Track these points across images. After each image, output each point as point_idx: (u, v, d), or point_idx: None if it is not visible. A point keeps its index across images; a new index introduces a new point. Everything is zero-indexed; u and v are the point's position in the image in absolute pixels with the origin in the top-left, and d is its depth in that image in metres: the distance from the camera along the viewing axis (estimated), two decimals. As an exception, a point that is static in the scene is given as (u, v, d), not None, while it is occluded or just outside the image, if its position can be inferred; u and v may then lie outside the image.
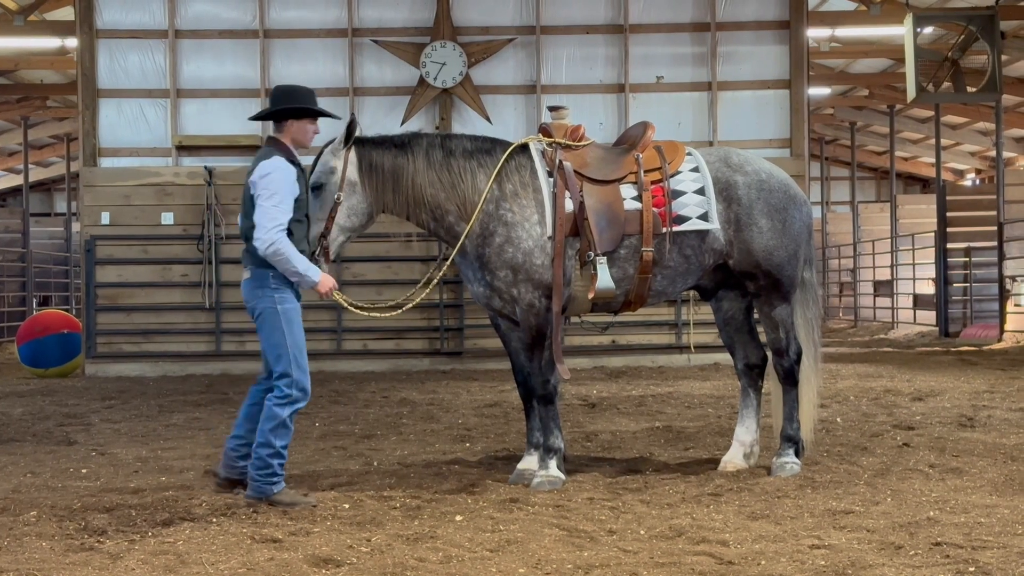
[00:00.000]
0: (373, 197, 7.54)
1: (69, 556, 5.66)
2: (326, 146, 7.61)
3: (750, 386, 8.24)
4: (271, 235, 6.87)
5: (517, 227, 7.47)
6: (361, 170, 7.54)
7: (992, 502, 6.64)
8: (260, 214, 6.93)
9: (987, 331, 22.23)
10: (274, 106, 7.23)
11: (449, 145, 7.71)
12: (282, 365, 7.04)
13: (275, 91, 7.37)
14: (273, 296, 7.04)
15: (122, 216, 17.39)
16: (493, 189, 7.53)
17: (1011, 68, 26.29)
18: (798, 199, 8.00)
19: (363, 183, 7.53)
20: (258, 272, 7.04)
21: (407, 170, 7.56)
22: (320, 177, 7.49)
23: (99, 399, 13.36)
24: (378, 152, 7.60)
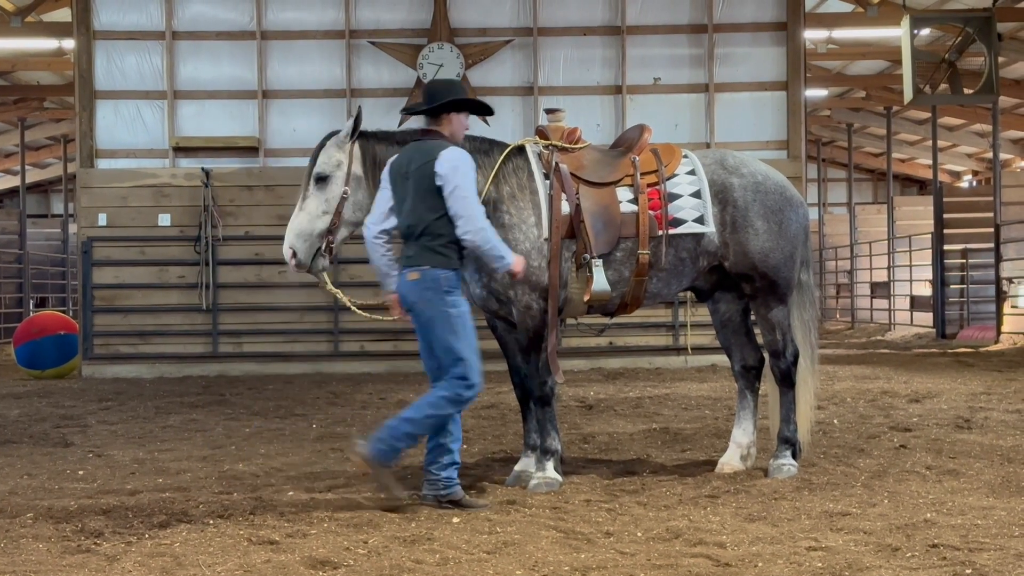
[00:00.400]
0: (372, 192, 7.49)
1: (65, 558, 5.66)
2: (327, 138, 7.56)
3: (747, 388, 8.24)
4: (482, 224, 6.87)
5: (514, 229, 7.46)
6: (365, 165, 7.51)
7: (989, 504, 6.64)
8: (465, 206, 6.84)
9: (984, 333, 22.24)
10: (436, 100, 7.10)
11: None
12: (461, 368, 6.99)
13: (433, 85, 7.25)
14: (446, 300, 6.91)
15: (119, 217, 17.37)
16: (491, 191, 7.52)
17: (1008, 70, 26.32)
18: (794, 201, 8.00)
19: (367, 178, 7.50)
20: (430, 274, 6.88)
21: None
22: (326, 169, 7.44)
23: (96, 401, 13.35)
24: (381, 147, 7.56)
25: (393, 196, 7.06)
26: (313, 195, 7.45)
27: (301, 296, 17.40)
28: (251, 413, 12.00)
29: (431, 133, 7.13)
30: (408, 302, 6.97)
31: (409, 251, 6.97)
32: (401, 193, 7.00)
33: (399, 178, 7.02)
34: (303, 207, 7.49)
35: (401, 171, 7.02)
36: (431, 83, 7.34)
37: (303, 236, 7.48)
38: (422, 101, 7.18)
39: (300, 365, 17.26)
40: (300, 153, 17.65)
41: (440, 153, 6.91)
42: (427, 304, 6.90)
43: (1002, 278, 21.68)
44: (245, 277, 17.43)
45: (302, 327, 17.47)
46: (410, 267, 6.93)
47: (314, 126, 17.74)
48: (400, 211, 7.01)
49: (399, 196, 7.02)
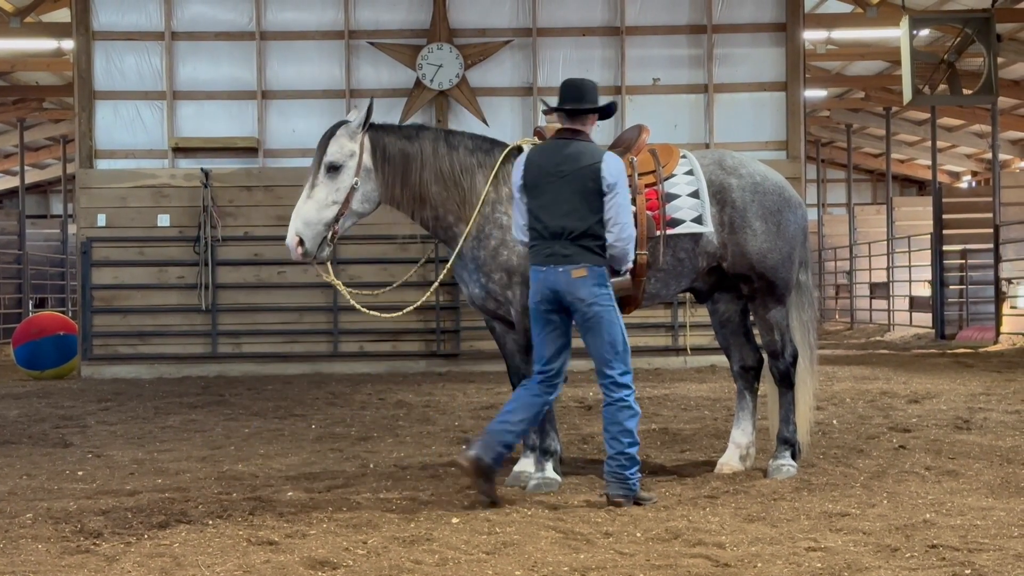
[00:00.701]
0: (383, 187, 7.53)
1: (65, 558, 5.65)
2: (336, 127, 7.54)
3: (746, 388, 8.24)
4: (632, 232, 7.01)
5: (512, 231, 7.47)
6: (375, 157, 7.52)
7: (988, 504, 6.64)
8: (624, 213, 6.94)
9: (983, 333, 22.25)
10: (588, 99, 7.08)
11: (452, 141, 7.71)
12: (622, 361, 7.02)
13: (581, 83, 7.16)
14: (608, 294, 6.98)
15: (118, 218, 17.37)
16: (490, 192, 7.53)
17: (1007, 70, 26.32)
18: (793, 202, 8.00)
19: (377, 170, 7.51)
20: (597, 270, 6.91)
21: (415, 162, 7.56)
22: (339, 158, 7.43)
23: (95, 401, 13.35)
24: (390, 140, 7.58)
25: (527, 193, 7.03)
26: (323, 183, 7.41)
27: (300, 297, 17.40)
28: (250, 413, 12.00)
29: (578, 133, 7.08)
30: (569, 298, 6.93)
31: (565, 250, 6.92)
32: (550, 192, 6.95)
33: (544, 176, 6.97)
34: (311, 195, 7.42)
35: (549, 170, 6.96)
36: (575, 81, 7.19)
37: (310, 224, 7.40)
38: (565, 98, 7.08)
39: (299, 365, 17.27)
40: (299, 154, 17.67)
41: (605, 157, 6.96)
42: (597, 299, 6.93)
43: (1001, 279, 21.68)
44: (244, 277, 17.43)
45: (301, 327, 17.47)
46: (571, 264, 6.91)
47: (313, 127, 17.73)
48: (543, 209, 6.96)
49: (542, 193, 6.97)
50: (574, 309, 6.96)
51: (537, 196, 6.99)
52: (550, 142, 7.15)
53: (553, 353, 7.06)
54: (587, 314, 6.94)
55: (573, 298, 6.91)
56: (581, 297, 6.90)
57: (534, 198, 7.01)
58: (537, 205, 6.99)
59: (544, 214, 6.95)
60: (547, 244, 6.95)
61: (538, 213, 6.98)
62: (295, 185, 16.99)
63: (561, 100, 7.10)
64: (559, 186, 6.93)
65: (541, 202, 6.97)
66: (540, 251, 6.98)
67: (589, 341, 7.02)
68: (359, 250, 17.12)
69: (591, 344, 7.02)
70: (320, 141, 7.53)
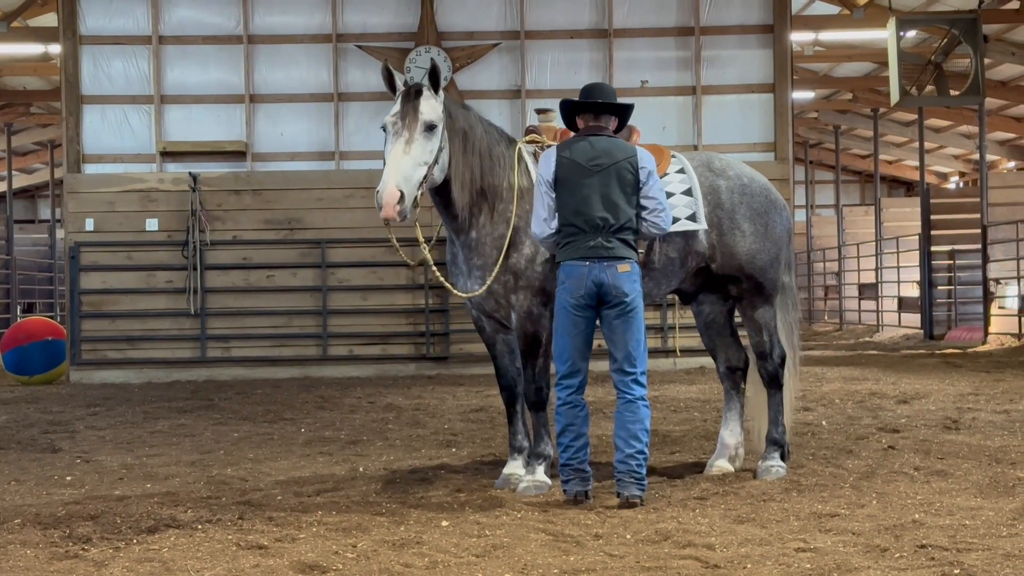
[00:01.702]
0: (453, 157, 7.27)
1: (54, 564, 5.64)
2: (420, 86, 7.17)
3: (733, 389, 8.26)
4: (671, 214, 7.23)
5: (522, 232, 7.43)
6: (449, 127, 7.27)
7: (977, 504, 6.66)
8: (664, 198, 7.13)
9: (971, 333, 22.30)
10: (611, 100, 7.19)
11: (487, 126, 7.61)
12: (643, 360, 7.05)
13: (601, 87, 7.27)
14: (640, 290, 7.05)
15: (106, 222, 17.34)
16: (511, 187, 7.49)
17: (994, 71, 26.40)
18: (778, 203, 8.03)
19: (451, 140, 7.27)
20: (636, 266, 7.02)
21: (471, 140, 7.37)
22: (435, 118, 7.11)
23: (84, 406, 13.32)
24: (457, 113, 7.36)
25: (561, 187, 7.01)
26: (419, 141, 7.01)
27: (289, 301, 17.39)
28: (239, 418, 11.98)
29: (604, 129, 7.17)
30: (613, 292, 6.94)
31: (608, 243, 6.94)
32: (587, 186, 6.97)
33: (579, 171, 6.98)
34: (409, 151, 6.96)
35: (583, 165, 6.98)
36: (598, 84, 7.30)
37: (409, 181, 6.93)
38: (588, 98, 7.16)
39: (288, 369, 17.25)
40: (287, 157, 17.68)
41: (638, 150, 7.11)
42: (637, 295, 7.00)
43: (989, 279, 21.74)
44: (233, 281, 17.40)
45: (290, 331, 17.45)
46: (616, 259, 6.94)
47: (301, 130, 17.77)
48: (580, 203, 6.95)
49: (577, 188, 6.97)
50: (613, 304, 6.96)
51: (572, 191, 6.98)
52: (578, 138, 7.15)
53: (581, 356, 7.06)
54: (625, 309, 6.96)
55: (618, 292, 6.93)
56: (625, 292, 6.94)
57: (568, 193, 6.99)
58: (573, 200, 6.97)
59: (583, 207, 6.95)
60: (587, 237, 6.93)
61: (575, 207, 6.96)
62: (284, 189, 17.25)
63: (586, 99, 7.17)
64: (596, 180, 6.97)
65: (577, 197, 6.96)
66: (579, 245, 6.94)
67: (618, 337, 7.00)
68: (348, 253, 17.13)
69: (620, 340, 7.00)
70: (404, 96, 7.10)
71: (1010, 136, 34.08)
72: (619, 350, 7.01)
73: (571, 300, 6.96)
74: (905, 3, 22.06)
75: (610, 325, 7.00)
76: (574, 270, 6.94)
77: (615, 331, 7.00)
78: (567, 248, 6.99)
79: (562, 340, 7.05)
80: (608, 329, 7.02)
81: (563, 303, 7.00)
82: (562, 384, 7.05)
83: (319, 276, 17.35)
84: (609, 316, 6.99)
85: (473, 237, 7.49)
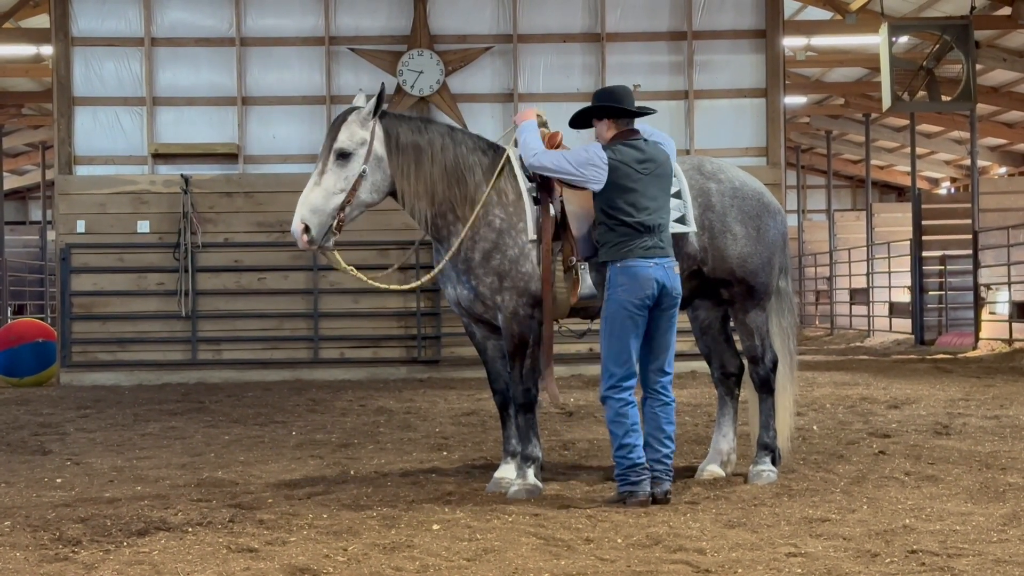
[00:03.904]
0: (396, 177, 7.42)
1: (43, 566, 5.63)
2: (348, 112, 7.42)
3: (727, 394, 8.26)
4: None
5: (505, 234, 7.45)
6: (388, 147, 7.41)
7: (967, 509, 6.67)
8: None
9: (962, 339, 22.34)
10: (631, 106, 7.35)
11: (456, 137, 7.66)
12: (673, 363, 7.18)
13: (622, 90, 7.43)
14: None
15: (98, 224, 17.31)
16: (490, 194, 7.50)
17: (985, 77, 26.45)
18: (772, 207, 8.03)
19: (390, 160, 7.41)
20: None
21: (426, 155, 7.46)
22: (349, 146, 7.32)
23: (74, 408, 13.29)
24: (403, 130, 7.48)
25: (611, 188, 7.06)
26: (332, 171, 7.31)
27: (280, 303, 17.37)
28: (230, 420, 11.97)
29: (637, 134, 7.32)
30: (673, 293, 7.09)
31: (663, 244, 7.08)
32: (639, 188, 7.06)
33: (628, 172, 7.07)
34: (319, 182, 7.32)
35: (634, 167, 7.09)
36: (623, 90, 7.44)
37: (317, 212, 7.29)
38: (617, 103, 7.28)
39: (280, 372, 17.23)
40: (279, 160, 17.66)
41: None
42: (679, 296, 7.16)
43: (980, 284, 21.77)
44: (224, 284, 17.38)
45: (282, 334, 17.43)
46: (672, 260, 7.10)
47: (293, 133, 17.76)
48: (633, 204, 7.03)
49: (629, 190, 7.04)
50: (667, 306, 7.08)
51: (623, 192, 7.05)
52: (621, 142, 7.21)
53: (636, 358, 7.13)
54: (675, 310, 7.13)
55: (675, 293, 7.09)
56: (679, 292, 7.12)
57: (620, 194, 7.05)
58: (625, 201, 7.04)
59: (638, 209, 7.03)
60: (643, 239, 7.02)
61: (630, 207, 7.03)
62: (275, 191, 17.21)
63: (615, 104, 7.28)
64: (647, 183, 7.09)
65: (630, 198, 7.05)
66: (636, 246, 7.01)
67: (663, 338, 7.13)
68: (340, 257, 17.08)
69: (665, 341, 7.14)
70: (331, 126, 7.46)
71: (1001, 142, 34.13)
72: (663, 351, 7.14)
73: (634, 301, 7.00)
74: (897, 9, 22.11)
75: (659, 326, 7.11)
76: (640, 271, 6.99)
77: (662, 332, 7.13)
78: (622, 248, 7.02)
79: (621, 343, 7.06)
80: (656, 329, 7.12)
81: (623, 304, 7.01)
82: (621, 387, 7.08)
83: (310, 279, 17.33)
84: (660, 317, 7.10)
85: (453, 243, 7.52)
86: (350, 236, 7.92)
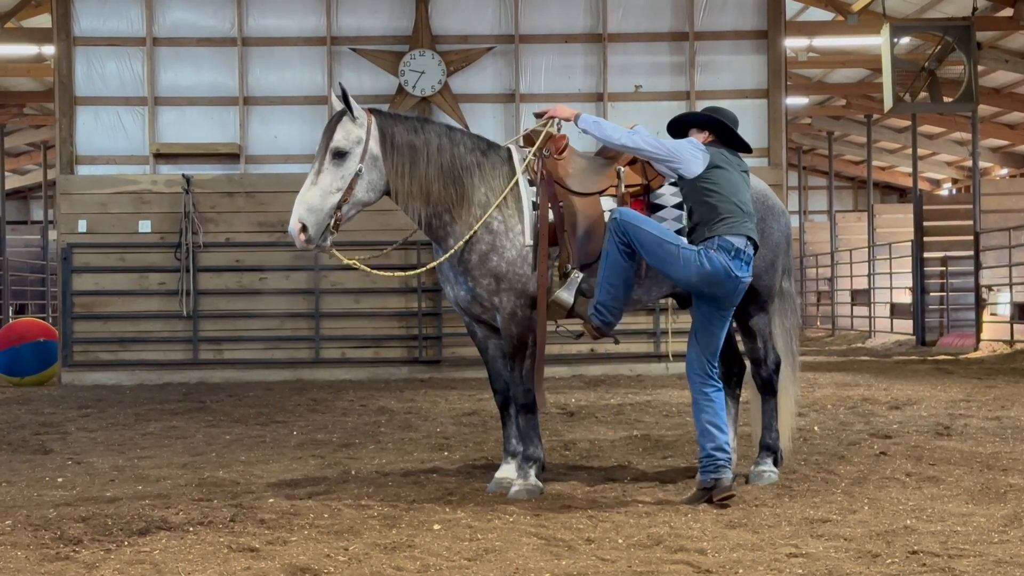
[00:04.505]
0: (390, 176, 7.44)
1: (44, 565, 5.63)
2: (342, 112, 7.40)
3: (728, 395, 8.24)
4: None
5: (502, 236, 7.45)
6: (383, 145, 7.42)
7: (969, 510, 6.66)
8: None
9: (963, 340, 22.32)
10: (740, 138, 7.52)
11: (454, 137, 7.65)
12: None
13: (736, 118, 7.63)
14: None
15: (99, 224, 17.32)
16: (487, 194, 7.50)
17: (987, 78, 26.45)
18: (776, 209, 8.02)
19: (384, 159, 7.42)
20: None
21: (422, 155, 7.47)
22: (345, 145, 7.32)
23: (75, 408, 13.30)
24: (399, 129, 7.49)
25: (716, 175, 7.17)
26: (328, 169, 7.31)
27: (282, 303, 17.38)
28: (231, 420, 11.97)
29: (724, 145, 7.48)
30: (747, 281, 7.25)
31: (754, 231, 7.24)
32: (737, 180, 7.25)
33: (730, 165, 7.28)
34: (316, 181, 7.30)
35: (733, 161, 7.32)
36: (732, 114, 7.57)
37: (314, 211, 7.27)
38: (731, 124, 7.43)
39: (281, 372, 17.23)
40: (281, 160, 17.67)
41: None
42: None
43: (981, 286, 21.77)
44: (226, 284, 17.39)
45: (283, 334, 17.44)
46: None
47: (295, 133, 17.77)
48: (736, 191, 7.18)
49: (732, 179, 7.21)
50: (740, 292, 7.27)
51: (727, 180, 7.19)
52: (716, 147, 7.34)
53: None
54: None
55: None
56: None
57: (725, 180, 7.18)
58: (730, 187, 7.18)
59: (740, 196, 7.19)
60: (744, 220, 7.15)
61: (732, 194, 7.16)
62: (277, 191, 17.22)
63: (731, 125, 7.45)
64: (743, 178, 7.29)
65: (733, 186, 7.20)
66: (741, 224, 7.14)
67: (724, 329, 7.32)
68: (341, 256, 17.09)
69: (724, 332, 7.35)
70: (327, 126, 7.44)
71: (1003, 143, 34.12)
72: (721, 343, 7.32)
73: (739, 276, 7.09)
74: (899, 10, 22.11)
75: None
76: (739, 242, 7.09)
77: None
78: (727, 223, 7.09)
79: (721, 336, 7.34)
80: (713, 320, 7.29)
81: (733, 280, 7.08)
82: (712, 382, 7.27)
83: (312, 279, 17.34)
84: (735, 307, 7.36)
85: (451, 245, 7.55)
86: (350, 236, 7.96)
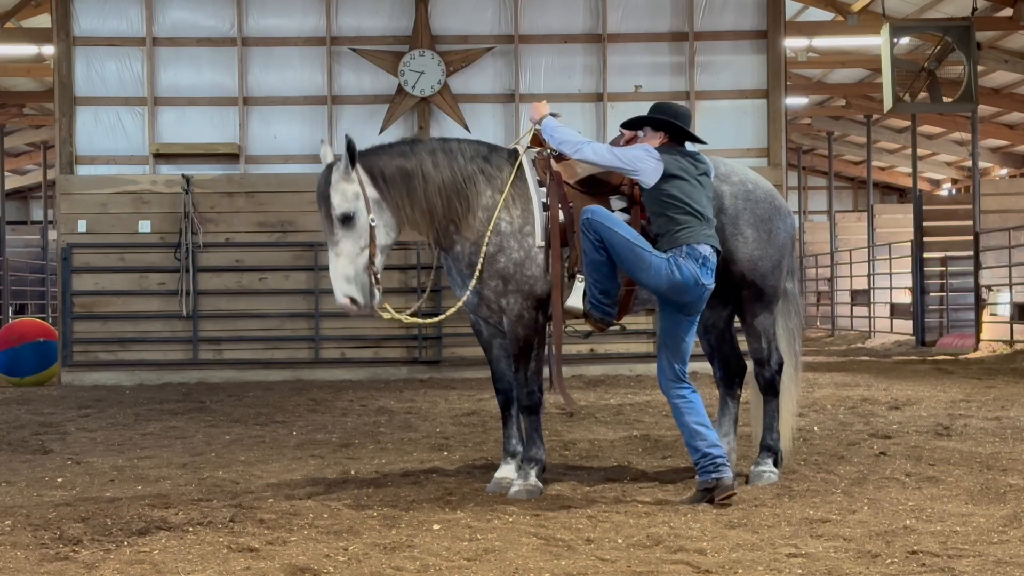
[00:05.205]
0: (392, 211, 7.42)
1: (44, 565, 5.63)
2: (328, 173, 7.34)
3: (729, 395, 8.25)
4: None
5: (510, 237, 7.44)
6: (377, 184, 7.38)
7: (968, 511, 6.66)
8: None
9: (963, 340, 22.33)
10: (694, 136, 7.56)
11: (449, 149, 7.63)
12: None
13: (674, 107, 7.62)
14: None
15: (99, 224, 17.32)
16: (493, 197, 7.49)
17: (987, 79, 26.47)
18: (783, 210, 8.01)
19: (384, 196, 7.38)
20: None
21: (417, 178, 7.43)
22: (347, 207, 7.25)
23: (75, 408, 13.29)
24: (385, 161, 7.45)
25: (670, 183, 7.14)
26: (343, 236, 7.25)
27: (282, 303, 17.38)
28: (231, 420, 11.97)
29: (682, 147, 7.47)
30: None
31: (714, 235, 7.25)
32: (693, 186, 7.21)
33: (686, 171, 7.21)
34: (338, 252, 7.25)
35: (689, 167, 7.24)
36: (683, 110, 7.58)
37: (352, 280, 7.24)
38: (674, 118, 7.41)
39: (280, 372, 17.23)
40: (281, 160, 17.67)
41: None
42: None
43: (981, 286, 21.77)
44: (226, 284, 17.39)
45: (283, 334, 17.43)
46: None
47: (295, 133, 17.76)
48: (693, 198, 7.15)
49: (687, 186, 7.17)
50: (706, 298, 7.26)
51: (681, 188, 7.16)
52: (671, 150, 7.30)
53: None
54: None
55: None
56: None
57: (678, 188, 7.15)
58: (685, 195, 7.14)
59: (697, 203, 7.16)
60: (703, 227, 7.15)
61: (688, 202, 7.13)
62: (277, 191, 17.25)
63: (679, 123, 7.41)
64: (699, 183, 7.24)
65: (690, 194, 7.16)
66: (699, 232, 7.13)
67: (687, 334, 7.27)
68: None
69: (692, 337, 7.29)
70: (318, 195, 7.35)
71: (1003, 143, 34.13)
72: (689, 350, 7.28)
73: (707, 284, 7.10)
74: (899, 10, 22.11)
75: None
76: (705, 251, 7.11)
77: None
78: (689, 232, 7.08)
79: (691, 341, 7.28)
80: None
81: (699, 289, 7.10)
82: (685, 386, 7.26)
83: (312, 279, 17.33)
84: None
85: (458, 251, 7.57)
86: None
